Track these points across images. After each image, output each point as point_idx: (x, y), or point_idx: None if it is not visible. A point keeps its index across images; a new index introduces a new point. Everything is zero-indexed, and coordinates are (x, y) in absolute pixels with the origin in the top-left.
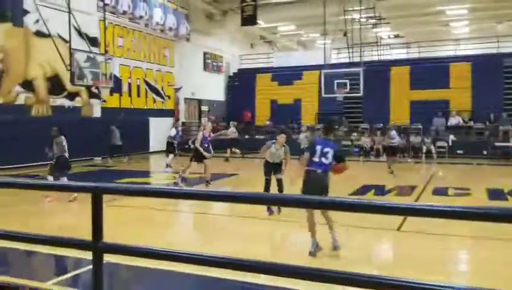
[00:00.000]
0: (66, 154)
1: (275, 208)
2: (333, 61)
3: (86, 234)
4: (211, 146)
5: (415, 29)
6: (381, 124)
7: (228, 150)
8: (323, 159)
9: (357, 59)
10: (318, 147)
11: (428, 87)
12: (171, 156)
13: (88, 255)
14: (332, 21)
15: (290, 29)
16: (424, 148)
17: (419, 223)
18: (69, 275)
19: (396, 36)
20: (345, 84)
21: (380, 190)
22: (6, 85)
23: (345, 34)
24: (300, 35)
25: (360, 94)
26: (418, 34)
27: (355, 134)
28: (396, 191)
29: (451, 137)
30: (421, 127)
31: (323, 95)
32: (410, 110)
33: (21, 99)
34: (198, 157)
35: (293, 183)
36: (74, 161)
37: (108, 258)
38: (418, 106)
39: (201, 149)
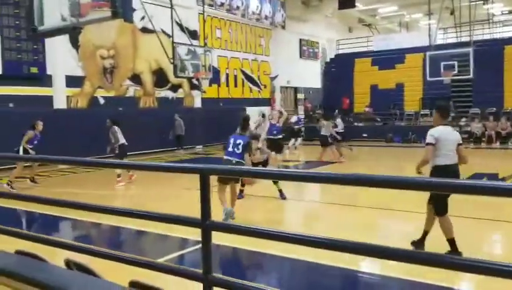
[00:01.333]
0: (125, 142)
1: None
2: (439, 42)
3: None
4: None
5: None
6: (494, 109)
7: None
8: (235, 150)
9: (465, 39)
10: (231, 140)
11: None
12: (295, 140)
13: (192, 235)
14: None
15: (391, 10)
16: None
17: None
18: (176, 253)
19: (511, 12)
20: (453, 66)
21: (493, 178)
22: (118, 79)
23: (452, 13)
24: (402, 16)
25: (470, 76)
26: None
27: (464, 119)
28: None
29: None
30: None
31: (428, 79)
32: None
33: (130, 92)
34: (276, 148)
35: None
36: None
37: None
38: None
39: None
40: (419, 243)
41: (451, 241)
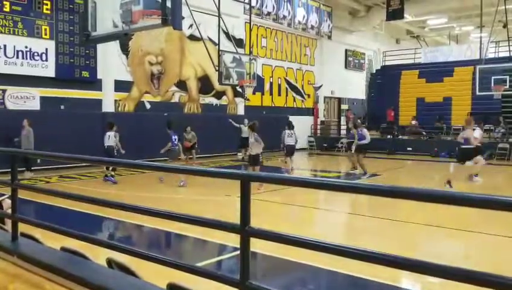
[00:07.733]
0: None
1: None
2: (490, 55)
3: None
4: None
5: None
6: None
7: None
8: (175, 141)
9: None
10: (173, 137)
11: None
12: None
13: (229, 241)
14: (490, 12)
15: (441, 23)
16: None
17: None
18: (214, 259)
19: None
20: (504, 80)
21: None
22: (164, 85)
23: (504, 26)
24: (452, 28)
25: None
26: None
27: None
28: None
29: None
30: None
31: (478, 93)
32: None
33: (176, 98)
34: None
35: None
36: (221, 155)
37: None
38: None
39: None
40: None
41: None
